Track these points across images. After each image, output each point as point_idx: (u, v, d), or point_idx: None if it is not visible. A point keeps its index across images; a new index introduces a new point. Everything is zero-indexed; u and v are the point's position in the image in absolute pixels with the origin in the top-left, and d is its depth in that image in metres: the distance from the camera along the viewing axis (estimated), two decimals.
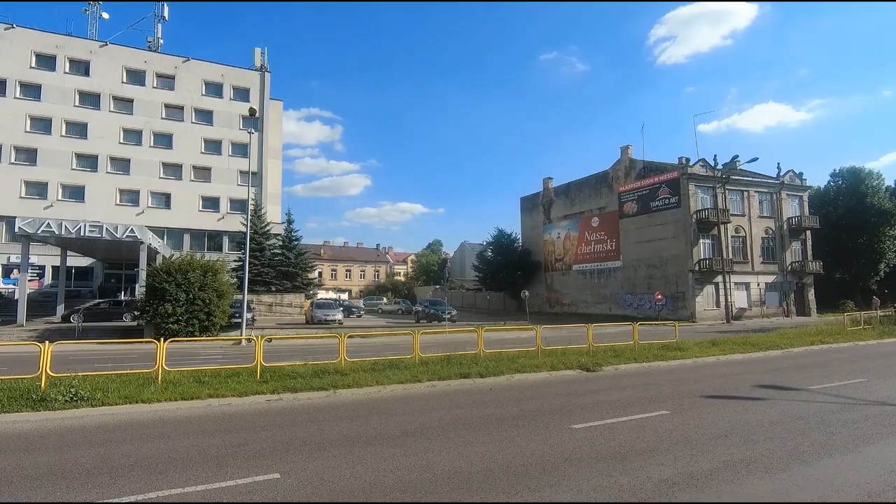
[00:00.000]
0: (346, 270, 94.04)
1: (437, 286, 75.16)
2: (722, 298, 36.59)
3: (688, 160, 39.01)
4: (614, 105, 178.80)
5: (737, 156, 37.64)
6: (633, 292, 41.22)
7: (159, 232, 39.91)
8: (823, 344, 18.30)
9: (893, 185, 49.79)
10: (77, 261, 37.66)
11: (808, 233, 42.51)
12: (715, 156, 39.17)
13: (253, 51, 49.64)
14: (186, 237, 43.85)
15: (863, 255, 44.22)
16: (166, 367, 10.39)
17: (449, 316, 35.54)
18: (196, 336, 21.41)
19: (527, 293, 41.37)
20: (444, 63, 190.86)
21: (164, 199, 43.92)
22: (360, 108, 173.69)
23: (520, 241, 55.45)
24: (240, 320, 22.49)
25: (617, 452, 5.99)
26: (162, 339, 10.75)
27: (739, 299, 38.45)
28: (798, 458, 5.70)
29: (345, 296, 66.11)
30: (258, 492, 4.88)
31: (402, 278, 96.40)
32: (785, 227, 41.48)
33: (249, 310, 28.27)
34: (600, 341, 15.96)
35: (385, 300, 59.04)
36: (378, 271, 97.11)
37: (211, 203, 45.40)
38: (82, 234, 24.55)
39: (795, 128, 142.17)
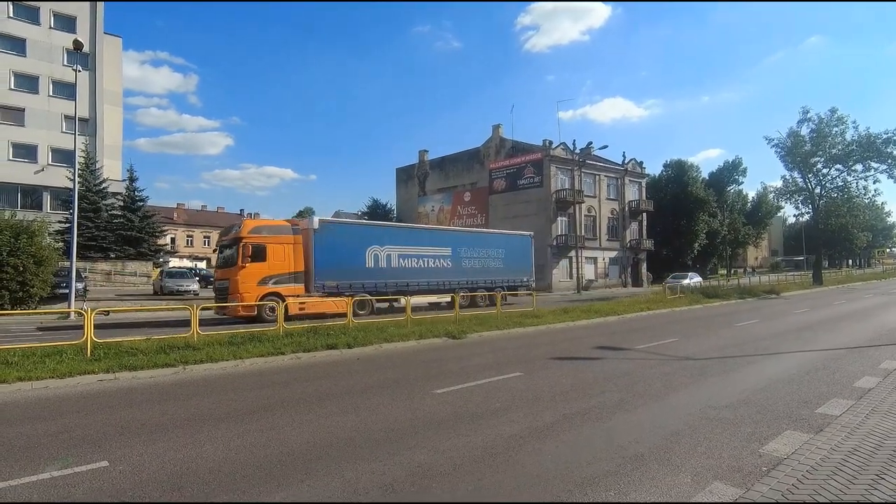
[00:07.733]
0: (205, 237, 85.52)
1: None
2: (574, 271, 40.82)
3: (550, 143, 42.16)
4: (486, 84, 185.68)
5: (591, 142, 41.72)
6: None
7: None
8: (650, 311, 21.41)
9: (707, 178, 59.68)
10: None
11: (645, 215, 49.07)
12: (574, 141, 42.95)
13: None
14: None
15: (683, 235, 52.45)
16: None
17: None
18: (6, 310, 17.95)
19: None
20: (314, 21, 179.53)
21: None
22: (220, 60, 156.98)
23: (395, 211, 55.54)
24: (67, 291, 19.29)
25: (474, 413, 6.37)
26: None
27: (588, 272, 43.27)
28: (622, 407, 6.62)
29: (203, 264, 60.48)
30: (80, 484, 4.25)
31: None
32: (626, 209, 47.36)
33: (80, 279, 24.51)
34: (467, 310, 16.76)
35: None
36: None
37: (25, 151, 37.77)
38: None
39: (636, 122, 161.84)
